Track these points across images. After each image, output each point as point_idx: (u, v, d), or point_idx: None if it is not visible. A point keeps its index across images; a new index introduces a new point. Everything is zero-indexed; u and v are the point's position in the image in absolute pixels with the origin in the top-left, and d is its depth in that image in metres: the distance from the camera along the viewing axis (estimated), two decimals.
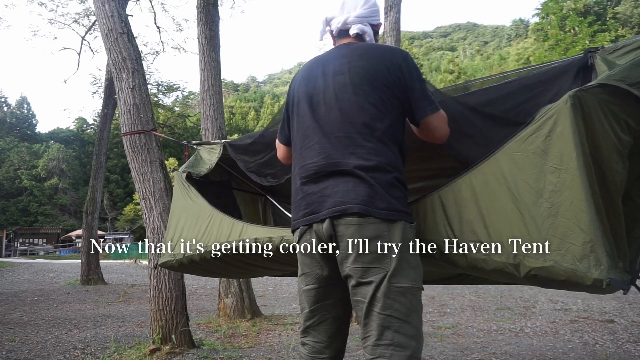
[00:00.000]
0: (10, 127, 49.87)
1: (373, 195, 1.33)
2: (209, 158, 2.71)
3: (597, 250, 1.17)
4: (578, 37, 30.08)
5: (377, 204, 1.33)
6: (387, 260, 1.31)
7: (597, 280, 1.16)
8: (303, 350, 1.55)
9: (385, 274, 1.31)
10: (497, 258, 1.32)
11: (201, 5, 5.61)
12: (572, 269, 1.20)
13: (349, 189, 1.35)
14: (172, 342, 3.33)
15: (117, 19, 3.58)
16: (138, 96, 3.51)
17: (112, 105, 11.52)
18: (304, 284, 1.51)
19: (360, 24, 1.56)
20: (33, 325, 5.16)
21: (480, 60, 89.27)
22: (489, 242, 1.34)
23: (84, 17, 13.78)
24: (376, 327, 1.31)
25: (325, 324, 1.50)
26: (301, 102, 1.55)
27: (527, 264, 1.27)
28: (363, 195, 1.33)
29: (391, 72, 1.43)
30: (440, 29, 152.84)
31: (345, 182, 1.36)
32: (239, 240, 1.96)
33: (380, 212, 1.32)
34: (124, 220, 39.46)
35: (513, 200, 1.32)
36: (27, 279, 12.33)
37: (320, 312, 1.50)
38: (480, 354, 3.49)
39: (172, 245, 2.30)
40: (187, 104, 29.66)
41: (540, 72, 1.72)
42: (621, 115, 1.27)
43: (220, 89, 5.58)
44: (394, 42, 6.41)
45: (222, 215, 2.13)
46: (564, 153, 1.24)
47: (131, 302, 7.46)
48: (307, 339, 1.53)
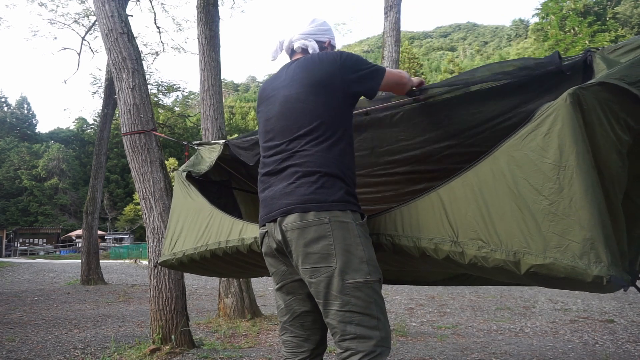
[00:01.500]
0: (10, 127, 49.88)
1: (312, 193, 1.41)
2: (209, 156, 2.71)
3: (597, 247, 1.17)
4: (578, 37, 30.09)
5: (318, 198, 1.40)
6: (332, 258, 1.37)
7: (597, 277, 1.15)
8: (283, 349, 1.61)
9: (332, 273, 1.36)
10: (497, 255, 1.32)
11: (201, 5, 5.61)
12: (572, 265, 1.19)
13: (290, 191, 1.45)
14: (172, 342, 3.33)
15: (117, 19, 3.58)
16: (138, 96, 3.51)
17: (112, 105, 11.52)
18: (275, 282, 1.61)
19: (303, 39, 1.69)
20: (33, 325, 5.16)
21: (480, 60, 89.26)
22: (489, 240, 1.34)
23: (84, 17, 13.77)
24: (337, 324, 1.37)
25: (300, 318, 1.57)
26: (260, 120, 1.71)
27: (527, 262, 1.27)
28: (302, 195, 1.41)
29: (329, 73, 1.53)
30: (440, 29, 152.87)
31: (287, 186, 1.46)
32: (238, 239, 1.96)
33: (321, 206, 1.39)
34: (124, 220, 39.47)
35: (513, 198, 1.32)
36: (27, 279, 12.33)
37: (293, 307, 1.57)
38: (480, 354, 3.49)
39: (172, 244, 2.30)
40: (187, 104, 29.66)
41: (537, 75, 1.73)
42: (621, 114, 1.27)
43: (220, 89, 5.58)
44: (394, 42, 6.41)
45: (222, 214, 2.12)
46: (563, 151, 1.23)
47: (131, 302, 7.47)
48: (286, 336, 1.60)
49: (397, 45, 6.45)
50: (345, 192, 1.44)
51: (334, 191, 1.42)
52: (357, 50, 34.39)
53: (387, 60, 6.39)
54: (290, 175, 1.46)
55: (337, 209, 1.40)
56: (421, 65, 51.08)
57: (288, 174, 1.47)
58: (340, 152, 1.49)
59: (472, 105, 1.96)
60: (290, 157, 1.48)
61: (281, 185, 1.47)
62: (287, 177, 1.47)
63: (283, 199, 1.45)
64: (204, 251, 2.11)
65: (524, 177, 1.31)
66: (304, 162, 1.45)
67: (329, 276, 1.37)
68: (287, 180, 1.46)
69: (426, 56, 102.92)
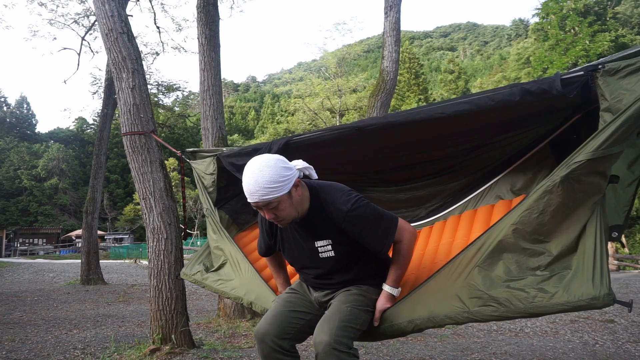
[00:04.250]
0: (10, 127, 49.85)
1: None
2: (207, 172, 2.81)
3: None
4: (578, 37, 30.07)
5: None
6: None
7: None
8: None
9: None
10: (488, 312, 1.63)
11: (201, 5, 5.60)
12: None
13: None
14: (172, 342, 3.33)
15: (117, 19, 3.57)
16: (138, 96, 3.51)
17: (112, 105, 11.51)
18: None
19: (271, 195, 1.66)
20: (33, 325, 5.16)
21: (480, 60, 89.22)
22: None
23: (84, 18, 13.77)
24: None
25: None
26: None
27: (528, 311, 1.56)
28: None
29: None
30: (440, 29, 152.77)
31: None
32: (263, 309, 2.16)
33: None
34: (124, 220, 39.44)
35: (506, 271, 1.63)
36: (27, 279, 12.33)
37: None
38: (480, 354, 3.49)
39: (194, 268, 2.63)
40: (187, 104, 29.60)
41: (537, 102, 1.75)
42: (608, 172, 1.52)
43: (220, 89, 5.57)
44: (394, 42, 6.41)
45: (253, 272, 2.31)
46: (556, 224, 1.57)
47: (131, 302, 7.46)
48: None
49: (397, 45, 6.45)
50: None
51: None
52: (357, 50, 33.94)
53: (387, 60, 6.40)
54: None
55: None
56: (421, 65, 50.95)
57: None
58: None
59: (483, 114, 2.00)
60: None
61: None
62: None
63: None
64: (224, 292, 2.39)
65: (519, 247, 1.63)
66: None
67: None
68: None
69: (426, 56, 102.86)
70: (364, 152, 2.51)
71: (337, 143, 2.31)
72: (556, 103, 1.93)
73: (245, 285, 2.27)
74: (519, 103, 1.68)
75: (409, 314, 1.74)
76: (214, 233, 2.62)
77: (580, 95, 1.67)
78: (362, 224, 1.70)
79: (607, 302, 1.39)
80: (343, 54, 34.46)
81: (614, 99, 1.46)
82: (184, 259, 3.52)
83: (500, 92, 1.70)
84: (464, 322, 1.66)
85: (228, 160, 2.64)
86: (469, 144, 2.45)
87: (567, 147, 2.17)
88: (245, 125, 71.34)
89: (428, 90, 49.64)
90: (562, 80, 1.58)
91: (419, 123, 1.98)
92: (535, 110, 2.04)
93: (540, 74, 32.77)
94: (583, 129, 2.10)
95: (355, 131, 2.13)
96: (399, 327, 1.75)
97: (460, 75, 55.83)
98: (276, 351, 1.71)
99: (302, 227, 1.81)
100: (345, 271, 1.83)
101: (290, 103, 44.98)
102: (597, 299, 1.41)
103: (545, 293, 1.50)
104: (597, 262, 1.46)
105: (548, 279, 1.52)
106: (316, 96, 33.58)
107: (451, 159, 2.58)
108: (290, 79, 56.44)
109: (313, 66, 57.56)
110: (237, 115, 73.99)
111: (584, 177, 1.48)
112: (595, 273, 1.45)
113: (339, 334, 1.60)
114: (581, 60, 29.03)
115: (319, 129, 2.35)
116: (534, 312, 1.52)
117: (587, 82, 1.58)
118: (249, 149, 2.56)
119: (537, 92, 1.63)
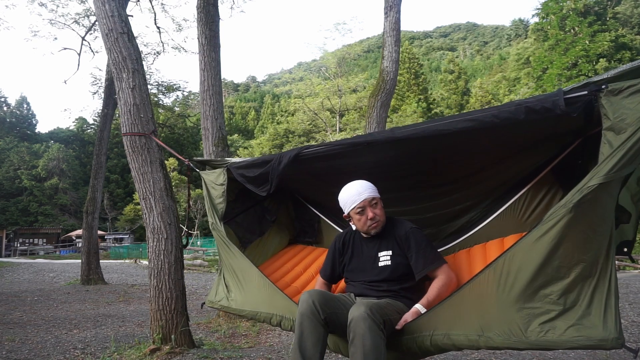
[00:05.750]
0: (10, 127, 49.82)
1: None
2: (218, 183, 2.77)
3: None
4: (578, 37, 30.08)
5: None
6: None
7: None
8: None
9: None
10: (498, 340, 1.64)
11: (201, 5, 5.61)
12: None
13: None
14: (172, 342, 3.33)
15: (117, 19, 3.57)
16: (138, 96, 3.51)
17: (112, 105, 11.51)
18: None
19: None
20: (33, 325, 5.16)
21: (480, 60, 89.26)
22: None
23: (84, 18, 13.77)
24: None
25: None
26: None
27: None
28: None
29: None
30: (440, 29, 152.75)
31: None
32: (292, 320, 2.15)
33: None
34: (124, 220, 39.41)
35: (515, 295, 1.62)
36: (27, 279, 12.33)
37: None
38: (480, 354, 3.49)
39: (217, 295, 2.65)
40: (187, 104, 29.64)
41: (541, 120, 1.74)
42: (616, 194, 1.56)
43: (220, 89, 5.58)
44: (394, 42, 6.41)
45: (269, 285, 2.32)
46: (569, 253, 1.54)
47: (131, 302, 7.47)
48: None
49: (397, 45, 6.46)
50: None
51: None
52: (357, 50, 33.94)
53: (387, 60, 6.40)
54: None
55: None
56: (421, 65, 51.02)
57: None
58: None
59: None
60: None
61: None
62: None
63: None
64: (252, 314, 2.38)
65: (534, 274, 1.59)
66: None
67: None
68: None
69: (426, 56, 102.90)
70: (373, 166, 2.49)
71: (345, 156, 2.31)
72: (558, 125, 1.92)
73: (267, 302, 2.30)
74: (524, 121, 1.68)
75: (428, 328, 1.82)
76: (222, 250, 2.61)
77: (582, 115, 1.67)
78: (419, 240, 2.14)
79: (616, 346, 1.42)
80: (343, 54, 34.50)
81: (617, 118, 1.48)
82: (184, 259, 3.52)
83: (505, 109, 1.70)
84: (478, 347, 1.69)
85: (239, 172, 2.63)
86: (471, 168, 2.42)
87: (571, 173, 2.18)
88: (245, 125, 71.39)
89: (428, 91, 49.65)
90: (566, 99, 1.58)
91: (426, 139, 1.97)
92: (538, 133, 2.03)
93: (540, 74, 32.78)
94: (586, 154, 2.09)
95: (365, 146, 2.14)
96: (421, 339, 1.82)
97: (460, 76, 55.86)
98: (313, 313, 1.86)
99: (371, 241, 2.25)
100: (393, 283, 2.14)
101: (290, 103, 45.02)
102: (606, 341, 1.45)
103: (556, 329, 1.52)
104: (611, 300, 1.49)
105: (561, 314, 1.53)
106: (316, 96, 33.60)
107: (454, 182, 2.54)
108: (290, 79, 56.52)
109: (313, 66, 57.51)
110: (237, 115, 74.03)
111: (598, 201, 1.49)
112: (608, 313, 1.47)
113: (374, 310, 1.79)
114: (581, 60, 29.04)
115: (328, 142, 2.34)
116: (545, 346, 1.53)
117: (590, 102, 1.58)
118: (259, 160, 2.55)
119: (542, 111, 1.62)
